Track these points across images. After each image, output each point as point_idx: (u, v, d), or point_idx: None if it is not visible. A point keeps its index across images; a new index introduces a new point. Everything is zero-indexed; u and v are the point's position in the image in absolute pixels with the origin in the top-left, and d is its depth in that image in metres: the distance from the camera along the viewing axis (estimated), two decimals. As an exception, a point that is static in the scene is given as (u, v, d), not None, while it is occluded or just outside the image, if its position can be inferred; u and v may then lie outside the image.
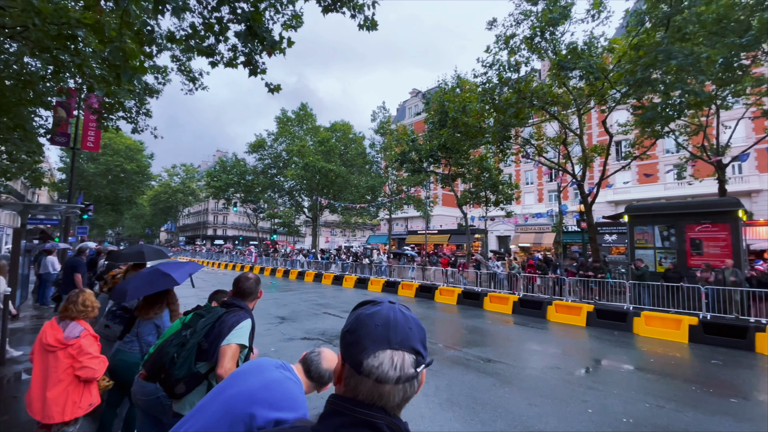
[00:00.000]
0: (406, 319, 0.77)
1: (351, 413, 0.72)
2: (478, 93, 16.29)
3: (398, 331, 0.74)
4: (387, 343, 0.72)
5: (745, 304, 9.56)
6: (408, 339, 0.74)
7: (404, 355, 0.72)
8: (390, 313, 0.77)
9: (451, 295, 14.18)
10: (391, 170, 31.87)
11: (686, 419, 4.56)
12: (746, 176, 26.03)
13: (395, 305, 0.80)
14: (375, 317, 0.76)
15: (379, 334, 0.73)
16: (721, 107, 15.84)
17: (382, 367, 0.70)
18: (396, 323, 0.75)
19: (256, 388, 1.29)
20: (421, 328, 0.78)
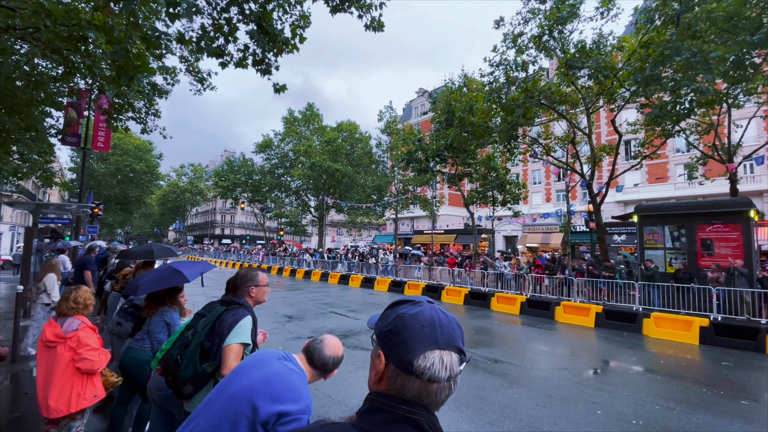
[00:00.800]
0: (449, 319, 0.80)
1: (393, 410, 0.74)
2: (485, 92, 16.21)
3: (444, 332, 0.76)
4: (435, 343, 0.75)
5: (756, 305, 9.42)
6: (453, 339, 0.77)
7: (452, 355, 0.75)
8: (434, 314, 0.79)
9: (458, 296, 14.14)
10: (397, 170, 31.89)
11: (696, 421, 4.50)
12: (758, 176, 25.57)
13: (435, 305, 0.82)
14: (419, 318, 0.78)
15: (426, 335, 0.75)
16: (732, 106, 15.58)
17: (434, 367, 0.73)
18: (441, 324, 0.77)
19: (257, 382, 1.32)
20: (461, 328, 0.81)
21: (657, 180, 30.27)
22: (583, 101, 15.95)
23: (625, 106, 15.61)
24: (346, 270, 22.46)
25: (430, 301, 0.83)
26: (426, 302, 0.82)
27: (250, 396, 1.28)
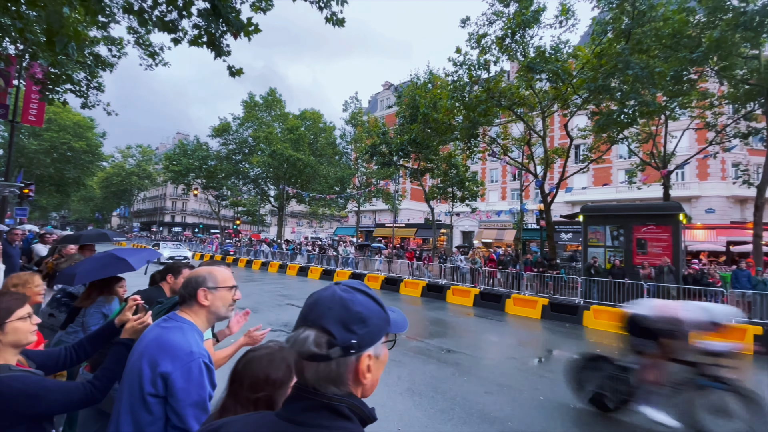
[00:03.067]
0: (334, 298, 0.75)
1: (312, 397, 0.73)
2: (448, 90, 16.53)
3: (316, 309, 0.75)
4: (303, 320, 0.75)
5: (682, 299, 10.47)
6: (321, 317, 0.73)
7: (311, 333, 0.72)
8: (323, 292, 0.78)
9: (416, 288, 14.44)
10: (361, 162, 31.78)
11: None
12: (688, 183, 28.25)
13: (339, 286, 0.79)
14: (312, 297, 0.78)
15: (303, 312, 0.77)
16: (669, 118, 17.05)
17: (291, 338, 0.74)
18: (318, 302, 0.76)
19: (141, 348, 1.36)
20: (345, 309, 0.74)
21: (602, 183, 32.53)
22: (539, 105, 16.73)
23: (577, 112, 16.58)
24: (306, 262, 22.13)
25: (338, 283, 0.81)
26: (333, 284, 0.81)
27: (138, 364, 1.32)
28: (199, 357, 1.33)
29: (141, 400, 1.27)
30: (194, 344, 1.36)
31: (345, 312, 0.74)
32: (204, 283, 1.49)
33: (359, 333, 0.73)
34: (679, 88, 13.58)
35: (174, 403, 1.27)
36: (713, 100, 15.75)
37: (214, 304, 1.49)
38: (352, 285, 0.80)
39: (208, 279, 1.50)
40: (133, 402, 1.29)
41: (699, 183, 27.89)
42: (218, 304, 1.50)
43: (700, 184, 27.86)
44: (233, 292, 1.55)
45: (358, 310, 0.75)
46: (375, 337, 0.76)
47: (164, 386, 1.27)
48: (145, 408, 1.27)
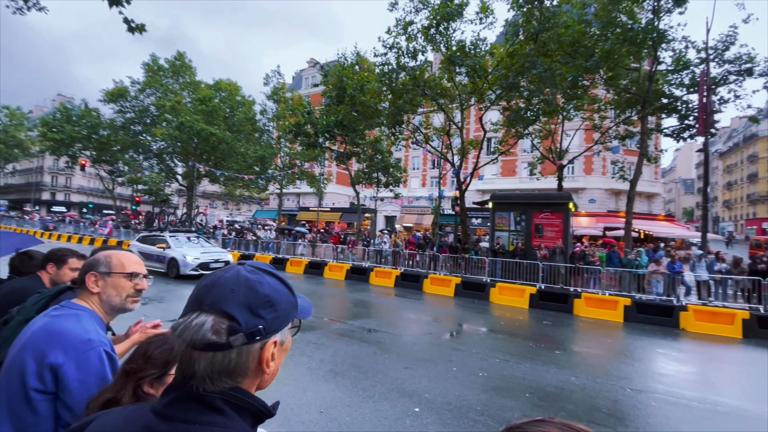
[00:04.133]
0: (235, 279, 0.66)
1: (184, 387, 0.64)
2: (376, 74, 16.54)
3: (214, 292, 0.65)
4: (199, 304, 0.65)
5: (569, 277, 12.20)
6: (221, 301, 0.64)
7: (207, 319, 0.63)
8: (224, 272, 0.68)
9: (340, 271, 14.49)
10: (284, 141, 30.29)
11: (524, 369, 5.64)
12: (576, 176, 32.58)
13: (244, 266, 0.70)
14: (208, 278, 0.68)
15: (196, 295, 0.66)
16: (565, 118, 19.35)
17: (182, 325, 0.64)
18: (218, 283, 0.66)
19: (24, 341, 1.18)
20: (252, 291, 0.66)
21: (508, 173, 35.87)
22: (459, 97, 17.66)
23: (491, 107, 17.89)
24: (220, 247, 20.66)
25: (241, 263, 0.73)
26: (236, 265, 0.72)
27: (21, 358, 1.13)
28: (99, 345, 1.15)
29: (24, 399, 1.07)
30: (93, 332, 1.18)
31: (252, 294, 0.66)
32: (95, 267, 1.31)
33: (267, 318, 0.66)
34: (575, 91, 15.43)
35: (67, 399, 1.08)
36: (600, 105, 18.25)
37: (105, 291, 1.31)
38: (258, 266, 0.72)
39: (102, 263, 1.32)
40: (13, 401, 1.08)
41: (585, 177, 32.37)
42: (111, 292, 1.32)
43: (585, 177, 32.35)
44: (135, 281, 1.35)
45: (267, 293, 0.67)
46: (283, 322, 0.69)
47: (54, 380, 1.09)
48: (28, 407, 1.07)
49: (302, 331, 6.80)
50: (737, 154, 59.36)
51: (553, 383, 5.12)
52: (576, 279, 12.45)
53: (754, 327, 8.37)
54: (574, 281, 12.37)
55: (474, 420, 3.96)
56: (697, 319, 8.95)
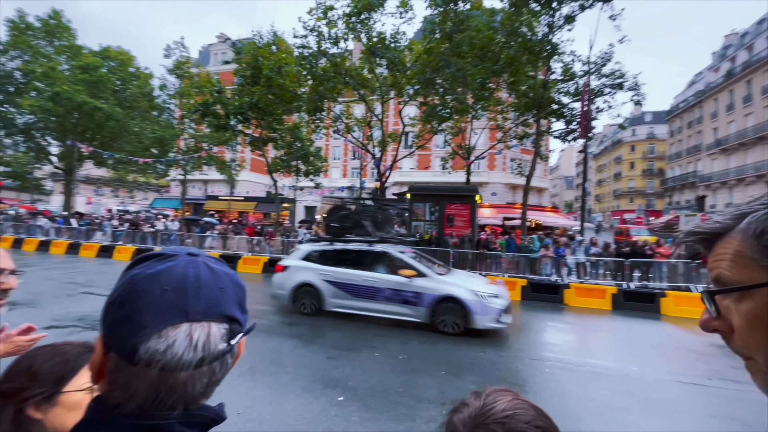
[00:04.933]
0: (215, 275, 0.56)
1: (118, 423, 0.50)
2: (295, 57, 15.84)
3: (202, 295, 0.53)
4: (183, 314, 0.51)
5: (475, 262, 13.36)
6: (217, 304, 0.53)
7: (210, 327, 0.52)
8: (189, 270, 0.54)
9: (256, 264, 13.74)
10: (188, 122, 27.28)
11: (440, 348, 6.01)
12: (481, 171, 35.58)
13: (198, 258, 0.57)
14: (162, 278, 0.53)
15: (168, 303, 0.51)
16: (474, 117, 20.91)
17: (173, 349, 0.49)
18: (199, 283, 0.53)
19: None
20: (238, 285, 0.59)
21: (423, 167, 37.68)
22: (379, 89, 17.88)
23: (409, 101, 18.49)
24: (111, 240, 18.03)
25: (192, 254, 0.58)
26: (184, 254, 0.57)
27: None
28: None
29: None
30: None
31: (238, 289, 0.58)
32: None
33: (247, 310, 0.60)
34: (483, 93, 16.75)
35: None
36: (503, 107, 20.09)
37: None
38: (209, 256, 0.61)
39: None
40: None
41: (488, 172, 35.55)
42: None
43: (489, 173, 35.54)
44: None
45: (243, 284, 0.61)
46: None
47: None
48: None
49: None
50: (606, 156, 70.84)
51: (465, 359, 5.58)
52: (481, 264, 13.70)
53: (620, 300, 10.15)
54: (480, 266, 13.61)
55: (396, 402, 4.12)
56: (578, 295, 10.53)
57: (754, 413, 4.15)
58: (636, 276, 12.25)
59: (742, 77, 34.22)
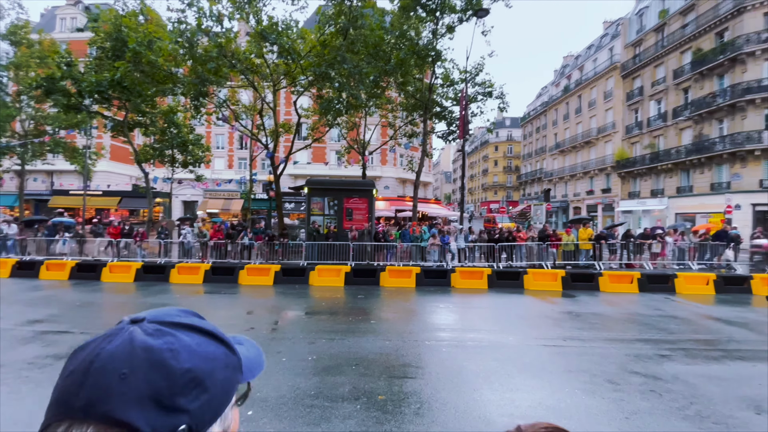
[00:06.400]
0: (129, 353, 0.42)
1: None
2: (169, 31, 13.83)
3: (88, 384, 0.41)
4: (66, 407, 0.41)
5: (374, 253, 13.90)
6: (105, 399, 0.40)
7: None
8: (102, 344, 0.43)
9: (127, 272, 11.75)
10: (26, 99, 21.42)
11: (348, 343, 6.15)
12: (375, 166, 36.90)
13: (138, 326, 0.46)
14: (78, 355, 0.44)
15: (63, 391, 0.42)
16: (367, 113, 21.49)
17: None
18: (92, 366, 0.41)
19: None
20: (162, 369, 0.42)
21: (319, 160, 37.23)
22: (270, 76, 16.92)
23: (303, 92, 17.98)
24: None
25: (134, 320, 0.47)
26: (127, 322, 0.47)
27: None
28: None
29: None
30: None
31: (159, 376, 0.42)
32: None
33: (192, 408, 0.43)
34: (376, 91, 17.33)
35: None
36: (394, 105, 21.11)
37: None
38: (165, 319, 0.48)
39: None
40: None
41: (381, 167, 37.07)
42: None
43: (382, 167, 37.08)
44: None
45: (188, 367, 0.44)
46: (222, 402, 0.47)
47: None
48: None
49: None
50: (477, 154, 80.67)
51: (374, 350, 5.83)
52: (379, 255, 14.35)
53: (494, 279, 11.80)
54: (378, 257, 14.23)
55: (309, 405, 4.09)
56: (462, 278, 11.88)
57: (597, 364, 5.36)
58: (503, 257, 14.40)
59: (574, 93, 42.65)
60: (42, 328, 6.64)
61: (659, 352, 5.92)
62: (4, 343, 5.80)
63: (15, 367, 4.87)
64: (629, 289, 11.17)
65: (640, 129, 32.63)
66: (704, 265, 13.55)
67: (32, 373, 4.70)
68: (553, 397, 4.36)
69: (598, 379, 4.85)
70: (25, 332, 6.37)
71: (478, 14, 14.95)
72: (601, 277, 11.60)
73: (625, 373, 5.06)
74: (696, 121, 27.06)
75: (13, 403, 3.98)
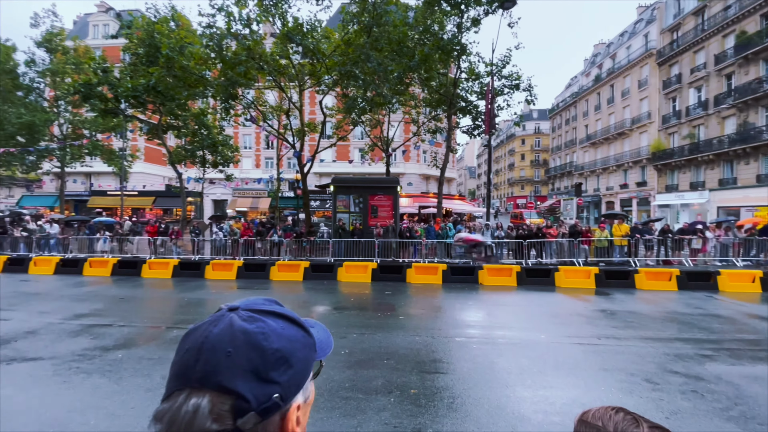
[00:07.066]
0: (231, 335, 0.50)
1: None
2: (198, 36, 14.34)
3: (202, 359, 0.49)
4: (186, 378, 0.48)
5: (399, 250, 13.94)
6: (216, 372, 0.48)
7: (201, 401, 0.47)
8: (210, 327, 0.51)
9: (165, 268, 12.34)
10: (64, 104, 22.80)
11: (379, 338, 6.24)
12: (398, 163, 36.85)
13: (230, 313, 0.54)
14: (191, 336, 0.52)
15: (181, 365, 0.50)
16: (391, 110, 21.49)
17: (166, 418, 0.47)
18: (203, 346, 0.49)
19: None
20: (257, 349, 0.50)
21: (342, 158, 37.57)
22: (296, 77, 17.23)
23: (328, 92, 18.20)
24: (-42, 248, 14.47)
25: (231, 308, 0.55)
26: (224, 309, 0.56)
27: None
28: None
29: None
30: None
31: (257, 354, 0.50)
32: None
33: (282, 381, 0.51)
34: (400, 87, 17.30)
35: None
36: (417, 102, 21.01)
37: None
38: (255, 307, 0.56)
39: None
40: None
41: (405, 164, 36.97)
42: None
43: (405, 164, 36.97)
44: None
45: (276, 347, 0.51)
46: (303, 376, 0.55)
47: None
48: None
49: (133, 347, 5.58)
50: (502, 149, 78.93)
51: (404, 345, 5.89)
52: (404, 251, 14.37)
53: (523, 276, 11.59)
54: (403, 253, 14.27)
55: (345, 398, 4.19)
56: (489, 275, 11.73)
57: (634, 363, 5.21)
58: (532, 254, 14.10)
59: (606, 82, 40.96)
60: (88, 322, 7.07)
61: (701, 351, 5.67)
62: (55, 336, 6.22)
63: (66, 358, 5.21)
64: (668, 287, 10.71)
65: (678, 118, 30.98)
66: (750, 262, 12.79)
67: (82, 364, 5.02)
68: (589, 395, 4.28)
69: (636, 378, 4.71)
70: (73, 326, 6.80)
71: (504, 5, 14.62)
72: (637, 274, 11.17)
73: (665, 372, 4.89)
74: (740, 108, 25.41)
75: (65, 392, 4.27)
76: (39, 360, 5.14)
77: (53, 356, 5.27)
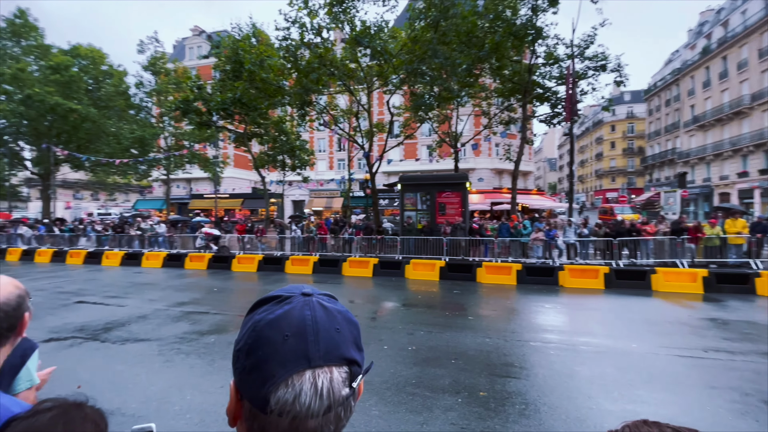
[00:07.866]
0: (330, 315, 0.56)
1: None
2: (276, 49, 15.49)
3: (321, 338, 0.53)
4: (306, 360, 0.51)
5: (469, 248, 13.52)
6: (336, 346, 0.54)
7: (332, 373, 0.52)
8: (306, 312, 0.55)
9: (251, 263, 13.64)
10: (167, 120, 26.45)
11: (446, 337, 6.13)
12: (467, 158, 35.78)
13: (312, 298, 0.58)
14: (282, 323, 0.53)
15: (290, 350, 0.52)
16: (459, 104, 20.90)
17: (300, 399, 0.50)
18: (316, 326, 0.54)
19: None
20: (352, 323, 0.58)
21: (410, 156, 37.64)
22: (365, 79, 17.67)
23: (395, 91, 18.32)
24: (95, 245, 17.59)
25: (305, 294, 0.58)
26: (298, 295, 0.58)
27: None
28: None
29: None
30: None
31: (353, 328, 0.58)
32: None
33: (363, 349, 0.59)
34: (469, 79, 16.73)
35: None
36: (488, 92, 20.12)
37: None
38: (320, 292, 0.61)
39: None
40: None
41: (474, 158, 35.75)
42: None
43: (475, 159, 35.74)
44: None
45: (356, 321, 0.59)
46: None
47: None
48: None
49: (224, 332, 6.17)
50: (588, 137, 71.98)
51: (473, 346, 5.70)
52: (474, 250, 13.89)
53: (612, 279, 10.46)
54: (473, 252, 13.80)
55: (411, 393, 4.19)
56: (572, 276, 10.80)
57: (750, 382, 4.38)
58: (624, 254, 12.62)
59: (717, 54, 35.02)
60: (188, 309, 8.06)
61: None
62: (161, 320, 7.19)
63: (169, 341, 5.99)
64: (803, 294, 8.81)
65: (818, 89, 25.27)
66: None
67: (182, 346, 5.73)
68: (690, 415, 3.70)
69: (752, 399, 3.95)
70: (176, 312, 7.81)
71: (585, -20, 13.28)
72: (758, 278, 9.38)
73: (799, 397, 4.02)
74: None
75: (166, 370, 4.90)
76: (147, 341, 5.99)
77: (159, 338, 6.12)
